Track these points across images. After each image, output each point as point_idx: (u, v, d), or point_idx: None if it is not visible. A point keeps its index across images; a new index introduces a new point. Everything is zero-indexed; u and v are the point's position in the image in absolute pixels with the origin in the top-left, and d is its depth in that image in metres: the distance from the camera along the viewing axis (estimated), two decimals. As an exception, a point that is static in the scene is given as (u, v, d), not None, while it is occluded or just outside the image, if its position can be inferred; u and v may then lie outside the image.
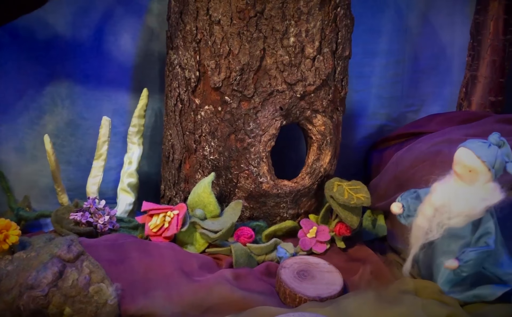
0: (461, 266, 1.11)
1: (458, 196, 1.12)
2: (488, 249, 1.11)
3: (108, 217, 1.33)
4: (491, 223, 1.12)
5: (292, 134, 1.58)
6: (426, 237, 1.15)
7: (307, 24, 1.26)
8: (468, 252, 1.11)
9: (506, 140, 1.14)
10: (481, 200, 1.11)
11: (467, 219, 1.12)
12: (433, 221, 1.13)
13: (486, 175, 1.11)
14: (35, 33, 1.47)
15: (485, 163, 1.10)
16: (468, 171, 1.12)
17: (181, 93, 1.38)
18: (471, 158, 1.11)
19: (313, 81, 1.30)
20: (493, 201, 1.11)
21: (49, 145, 1.36)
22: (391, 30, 1.70)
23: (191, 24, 1.30)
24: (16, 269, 1.10)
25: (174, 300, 1.10)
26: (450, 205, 1.12)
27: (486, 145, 1.12)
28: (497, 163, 1.11)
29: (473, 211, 1.11)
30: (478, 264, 1.12)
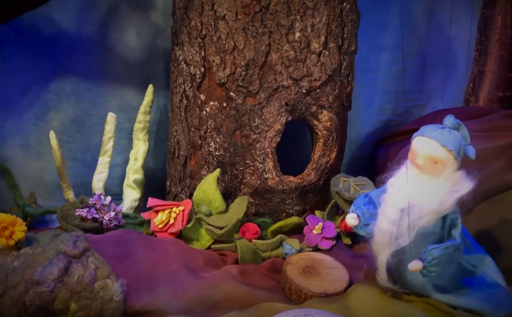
0: (425, 266, 1.00)
1: (426, 192, 1.00)
2: (453, 244, 1.00)
3: (113, 213, 1.33)
4: (456, 213, 1.02)
5: (297, 130, 1.57)
6: (397, 244, 1.02)
7: (312, 19, 1.26)
8: (430, 251, 0.99)
9: (462, 123, 1.03)
10: (451, 192, 1.00)
11: (438, 215, 1.01)
12: (402, 224, 1.01)
13: (454, 165, 1.00)
14: (40, 30, 1.47)
15: (452, 151, 0.99)
16: (433, 162, 0.99)
17: (186, 89, 1.38)
18: (436, 148, 0.99)
19: (319, 77, 1.29)
20: (463, 191, 1.00)
21: (55, 142, 1.37)
22: (397, 24, 1.69)
23: (196, 19, 1.30)
24: (22, 265, 1.10)
25: (179, 296, 1.10)
26: (418, 204, 1.00)
27: (447, 131, 1.00)
28: (461, 149, 1.00)
29: (444, 205, 1.00)
30: (445, 260, 1.01)
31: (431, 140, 0.99)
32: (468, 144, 1.02)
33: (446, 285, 1.07)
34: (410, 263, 1.00)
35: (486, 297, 1.06)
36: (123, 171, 1.55)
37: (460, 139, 1.00)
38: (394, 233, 1.02)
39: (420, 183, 1.01)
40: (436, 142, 0.99)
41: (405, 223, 1.01)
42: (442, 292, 1.07)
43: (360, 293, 1.15)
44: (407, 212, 1.00)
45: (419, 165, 1.01)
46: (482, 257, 1.12)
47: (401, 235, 1.01)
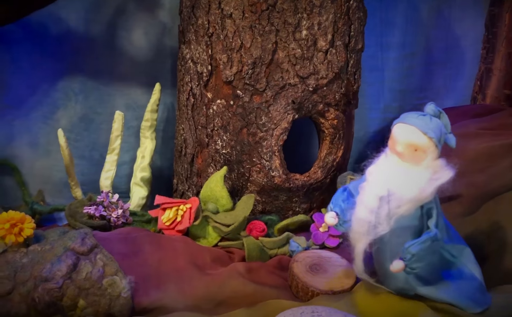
0: (407, 265, 0.98)
1: (405, 180, 0.98)
2: (429, 236, 0.98)
3: (121, 210, 1.33)
4: (432, 203, 1.00)
5: (303, 128, 1.57)
6: (375, 232, 0.99)
7: (319, 17, 1.26)
8: (408, 249, 0.97)
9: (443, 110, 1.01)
10: (431, 181, 0.97)
11: (417, 203, 0.98)
12: (380, 213, 0.98)
13: (434, 152, 0.98)
14: (48, 29, 1.48)
15: (432, 139, 0.97)
16: (413, 150, 0.97)
17: (193, 87, 1.38)
18: (417, 135, 0.97)
19: (325, 75, 1.29)
20: (443, 179, 0.97)
21: (63, 140, 1.38)
22: (404, 22, 1.68)
23: (203, 18, 1.30)
24: (31, 262, 1.11)
25: (187, 293, 1.11)
26: (397, 191, 0.98)
27: (428, 118, 0.98)
28: (442, 137, 0.99)
29: (423, 194, 0.97)
30: (425, 254, 0.98)
31: (412, 127, 0.98)
32: (449, 132, 1.00)
33: (428, 276, 1.05)
34: (392, 264, 0.99)
35: (464, 291, 1.05)
36: (131, 169, 1.56)
37: (441, 127, 0.99)
38: (372, 222, 0.99)
39: (400, 170, 0.99)
40: (417, 129, 0.97)
41: (384, 212, 0.98)
42: (425, 284, 1.05)
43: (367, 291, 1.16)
44: (386, 200, 0.97)
45: (399, 153, 0.99)
46: (462, 247, 1.10)
47: (379, 224, 0.99)
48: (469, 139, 1.48)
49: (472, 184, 1.35)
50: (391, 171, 0.99)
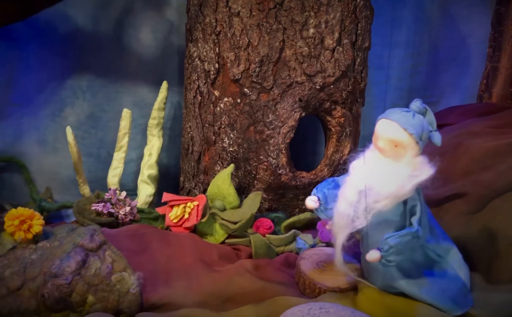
0: (383, 256, 0.98)
1: (385, 175, 0.98)
2: (410, 231, 0.97)
3: (129, 208, 1.34)
4: (416, 201, 0.99)
5: (310, 126, 1.58)
6: (353, 226, 1.00)
7: (326, 15, 1.26)
8: (386, 240, 0.97)
9: (428, 107, 1.01)
10: (410, 177, 0.97)
11: (396, 200, 0.98)
12: (359, 207, 0.99)
13: (414, 149, 0.98)
14: (56, 27, 1.49)
15: (413, 135, 0.96)
16: (393, 145, 0.97)
17: (201, 85, 1.39)
18: (397, 131, 0.97)
19: (332, 73, 1.30)
20: (423, 177, 0.97)
21: (71, 137, 1.38)
22: (411, 21, 1.69)
23: (210, 16, 1.31)
24: (40, 258, 1.12)
25: (195, 290, 1.11)
26: (376, 187, 0.98)
27: (411, 115, 0.98)
28: (424, 134, 0.98)
29: (402, 190, 0.97)
30: (403, 249, 0.98)
31: (393, 123, 0.98)
32: (434, 130, 1.00)
33: (410, 273, 1.05)
34: (368, 253, 0.99)
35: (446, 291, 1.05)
36: (138, 166, 1.57)
37: (423, 124, 0.98)
38: (351, 215, 0.99)
39: (380, 166, 0.99)
40: (397, 125, 0.97)
41: (362, 205, 0.99)
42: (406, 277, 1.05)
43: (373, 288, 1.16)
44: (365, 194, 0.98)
45: (380, 148, 0.99)
46: (448, 247, 1.10)
47: (357, 218, 0.99)
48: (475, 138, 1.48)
49: (478, 182, 1.35)
50: (372, 166, 1.00)
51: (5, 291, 1.07)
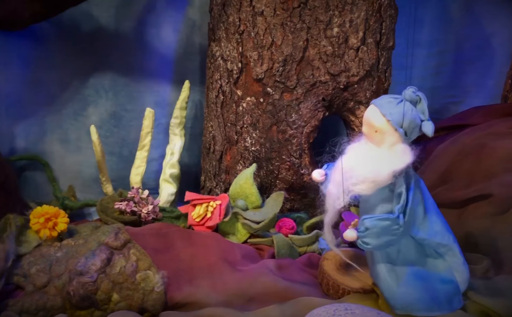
0: (359, 236, 0.98)
1: (364, 160, 0.99)
2: (389, 217, 0.97)
3: (151, 206, 1.34)
4: (402, 189, 0.98)
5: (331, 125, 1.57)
6: (334, 205, 1.02)
7: (351, 14, 1.25)
8: (363, 220, 0.98)
9: (423, 95, 1.00)
10: (388, 164, 0.97)
11: (374, 185, 0.98)
12: (340, 188, 1.00)
13: (393, 136, 0.97)
14: (79, 26, 1.50)
15: (390, 122, 0.96)
16: (374, 131, 0.98)
17: (223, 84, 1.39)
18: (377, 117, 0.97)
19: (356, 72, 1.29)
20: (400, 165, 0.97)
21: (95, 136, 1.39)
22: (434, 20, 1.67)
23: (234, 15, 1.31)
24: (65, 255, 1.13)
25: (219, 289, 1.11)
26: (356, 170, 0.99)
27: (396, 102, 0.98)
28: (406, 122, 0.97)
29: (379, 176, 0.97)
30: (379, 233, 0.97)
31: (375, 108, 0.99)
32: (426, 119, 1.00)
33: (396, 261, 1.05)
34: (345, 231, 0.99)
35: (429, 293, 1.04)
36: (159, 165, 1.57)
37: (407, 112, 0.97)
38: (335, 195, 1.01)
39: (363, 150, 1.00)
40: (378, 110, 0.98)
41: (332, 189, 1.01)
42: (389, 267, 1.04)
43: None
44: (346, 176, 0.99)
45: (364, 133, 1.01)
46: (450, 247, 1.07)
47: (337, 198, 1.01)
48: (500, 138, 1.46)
49: (503, 184, 1.33)
50: (358, 150, 1.01)
51: (31, 288, 1.08)
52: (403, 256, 1.05)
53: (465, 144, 1.46)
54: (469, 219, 1.36)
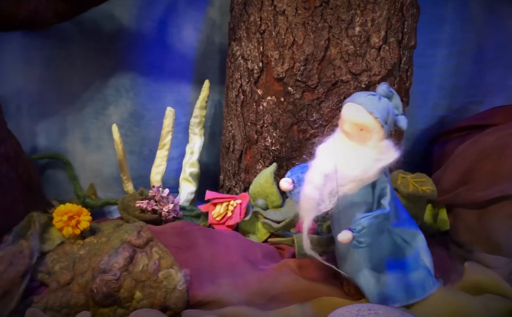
0: (355, 236, 0.97)
1: (350, 159, 0.98)
2: (383, 213, 0.98)
3: (172, 205, 1.35)
4: (386, 183, 1.00)
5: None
6: (318, 209, 1.00)
7: (373, 13, 1.25)
8: (360, 220, 0.96)
9: (395, 91, 1.01)
10: (375, 161, 0.97)
11: (361, 183, 0.98)
12: (324, 190, 0.98)
13: (379, 133, 0.98)
14: (101, 26, 1.51)
15: (377, 119, 0.97)
16: (359, 129, 0.98)
17: (243, 84, 1.39)
18: (362, 115, 0.98)
19: (378, 71, 1.28)
20: (388, 161, 0.98)
21: (117, 135, 1.40)
22: (455, 19, 1.65)
23: (255, 15, 1.31)
24: (88, 253, 1.14)
25: (241, 288, 1.11)
26: (341, 170, 0.98)
27: (376, 98, 0.99)
28: (389, 118, 0.99)
29: (367, 174, 0.98)
30: (375, 231, 0.98)
31: (359, 106, 0.99)
32: (400, 114, 1.00)
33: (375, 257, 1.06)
34: (340, 233, 0.98)
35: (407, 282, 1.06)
36: (178, 164, 1.58)
37: (388, 108, 0.99)
38: (317, 198, 0.99)
39: (346, 149, 1.00)
40: (363, 108, 0.98)
41: (328, 189, 0.99)
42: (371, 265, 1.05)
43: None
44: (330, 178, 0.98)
45: (346, 131, 1.00)
46: (414, 232, 1.09)
47: (322, 201, 0.99)
48: (524, 140, 1.45)
49: (526, 185, 1.32)
50: (338, 150, 1.00)
51: (55, 285, 1.09)
52: (380, 249, 1.06)
53: (486, 145, 1.44)
54: (491, 220, 1.35)
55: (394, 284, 1.06)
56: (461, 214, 1.44)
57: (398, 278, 1.07)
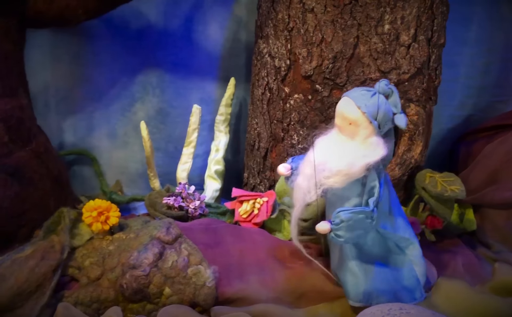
0: (333, 229, 0.97)
1: (338, 152, 0.99)
2: (364, 210, 0.97)
3: (198, 202, 1.36)
4: (376, 182, 0.99)
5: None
6: (304, 199, 1.02)
7: (403, 11, 1.24)
8: (338, 213, 0.97)
9: (395, 89, 1.00)
10: (361, 157, 0.97)
11: (347, 178, 0.98)
12: (312, 181, 1.01)
13: (367, 128, 0.98)
14: (129, 23, 1.52)
15: (365, 114, 0.97)
16: (348, 123, 0.99)
17: (270, 81, 1.39)
18: (351, 109, 0.98)
19: (407, 70, 1.27)
20: (374, 158, 0.97)
21: (145, 132, 1.41)
22: (483, 18, 1.63)
23: (283, 12, 1.30)
24: (117, 249, 1.15)
25: (269, 285, 1.12)
26: (328, 162, 0.99)
27: (370, 94, 0.99)
28: (380, 114, 0.98)
29: (352, 168, 0.97)
30: (354, 226, 0.98)
31: (350, 100, 0.99)
32: (399, 112, 1.00)
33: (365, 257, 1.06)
34: (319, 223, 0.99)
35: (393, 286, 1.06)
36: (203, 161, 1.58)
37: (381, 104, 0.98)
38: (305, 188, 1.01)
39: (336, 143, 1.01)
40: (352, 103, 0.99)
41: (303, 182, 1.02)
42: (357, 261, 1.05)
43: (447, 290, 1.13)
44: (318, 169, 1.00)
45: (337, 125, 1.01)
46: (409, 240, 1.08)
47: (308, 192, 1.01)
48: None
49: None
50: (330, 143, 1.02)
51: (86, 280, 1.10)
52: (369, 250, 1.06)
53: (514, 144, 1.43)
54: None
55: (381, 286, 1.06)
56: (489, 215, 1.43)
57: (387, 281, 1.06)
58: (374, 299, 1.06)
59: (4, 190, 1.13)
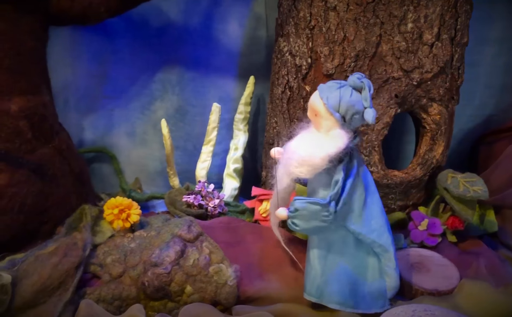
0: (289, 216, 1.00)
1: (304, 143, 1.01)
2: (319, 202, 0.97)
3: (217, 200, 1.35)
4: (339, 177, 0.99)
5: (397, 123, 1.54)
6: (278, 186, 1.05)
7: (426, 9, 1.22)
8: (293, 201, 0.99)
9: (369, 83, 0.99)
10: (321, 148, 0.98)
11: (312, 169, 0.99)
12: (286, 169, 1.03)
13: (329, 120, 0.99)
14: (149, 21, 1.52)
15: (325, 105, 0.98)
16: (314, 114, 1.01)
17: (290, 80, 1.38)
18: (315, 100, 1.00)
19: (430, 68, 1.26)
20: (333, 149, 0.97)
21: (166, 130, 1.41)
22: (506, 17, 1.61)
23: (305, 10, 1.30)
24: (139, 246, 1.15)
25: (290, 285, 1.11)
26: (295, 152, 1.01)
27: (336, 87, 0.99)
28: (343, 107, 0.97)
29: (313, 159, 0.98)
30: (311, 218, 0.98)
31: (316, 92, 1.01)
32: (368, 107, 0.99)
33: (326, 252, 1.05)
34: (278, 209, 1.02)
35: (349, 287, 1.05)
36: (222, 160, 1.58)
37: (345, 97, 0.98)
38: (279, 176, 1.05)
39: (307, 134, 1.03)
40: (317, 94, 1.00)
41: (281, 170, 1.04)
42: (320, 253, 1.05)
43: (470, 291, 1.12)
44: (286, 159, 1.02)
45: (308, 116, 1.03)
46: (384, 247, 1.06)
47: (281, 178, 1.05)
48: None
49: None
50: (305, 134, 1.04)
51: (107, 277, 1.10)
52: (338, 247, 1.05)
53: (538, 145, 1.41)
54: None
55: (337, 287, 1.05)
56: (511, 216, 1.41)
57: (347, 283, 1.05)
58: (325, 298, 1.05)
59: (27, 187, 1.14)
